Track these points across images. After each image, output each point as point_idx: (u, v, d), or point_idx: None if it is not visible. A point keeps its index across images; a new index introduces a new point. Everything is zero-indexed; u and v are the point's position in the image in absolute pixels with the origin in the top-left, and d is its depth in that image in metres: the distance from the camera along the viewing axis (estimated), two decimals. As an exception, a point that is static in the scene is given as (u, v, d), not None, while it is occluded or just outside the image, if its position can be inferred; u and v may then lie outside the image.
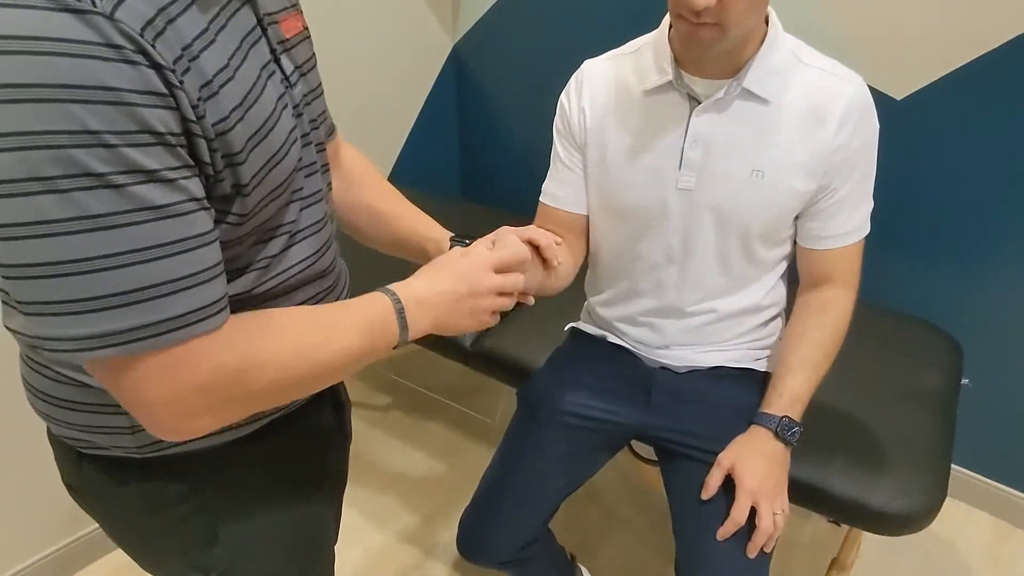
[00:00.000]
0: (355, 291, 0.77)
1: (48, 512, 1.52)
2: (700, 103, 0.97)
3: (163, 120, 0.50)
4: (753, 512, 0.98)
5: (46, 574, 1.57)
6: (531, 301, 0.88)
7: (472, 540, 1.17)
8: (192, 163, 0.54)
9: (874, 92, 1.59)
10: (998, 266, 1.58)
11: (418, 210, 0.98)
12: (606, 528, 1.75)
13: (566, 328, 1.31)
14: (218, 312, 0.56)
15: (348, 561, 1.65)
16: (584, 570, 1.59)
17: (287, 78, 0.67)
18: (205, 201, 0.55)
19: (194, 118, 0.53)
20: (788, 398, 1.03)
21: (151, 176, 0.50)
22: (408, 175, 2.32)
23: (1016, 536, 1.75)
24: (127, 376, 0.54)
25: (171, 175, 0.51)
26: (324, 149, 0.77)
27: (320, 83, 0.78)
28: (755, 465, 1.00)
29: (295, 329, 0.64)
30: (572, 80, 1.08)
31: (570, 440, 1.16)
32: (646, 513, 1.76)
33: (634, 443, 1.31)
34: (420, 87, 2.28)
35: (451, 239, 0.94)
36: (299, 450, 0.80)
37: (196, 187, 0.54)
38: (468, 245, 0.92)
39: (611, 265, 1.15)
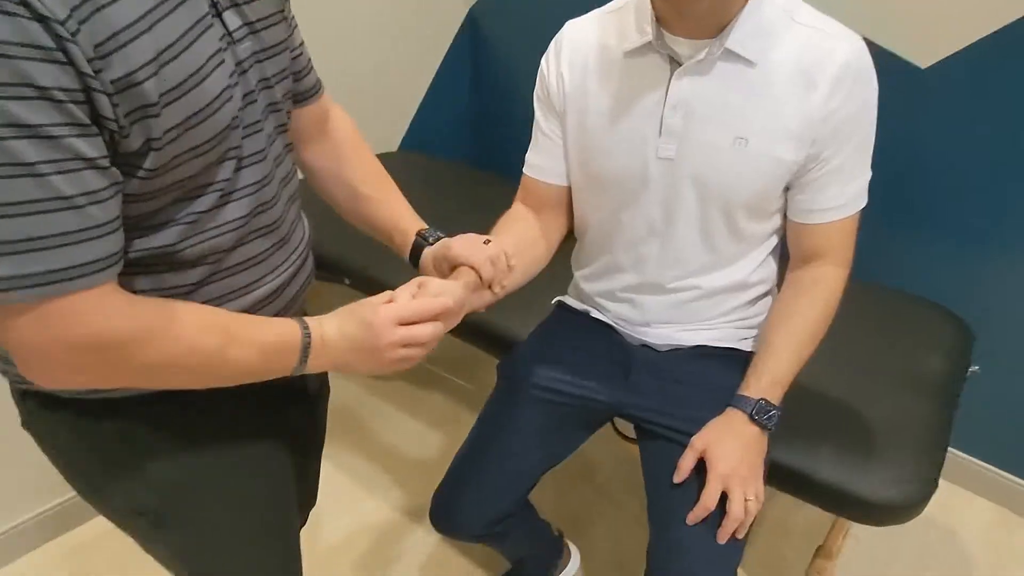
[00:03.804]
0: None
1: (46, 468, 1.55)
2: (682, 65, 0.91)
3: (50, 74, 0.49)
4: (725, 498, 0.95)
5: (45, 527, 1.60)
6: (483, 309, 0.94)
7: (443, 514, 1.16)
8: (86, 121, 0.53)
9: (897, 60, 1.50)
10: (1019, 248, 1.48)
11: (399, 196, 0.99)
12: (598, 506, 1.73)
13: (553, 302, 1.28)
14: (98, 271, 0.56)
15: (340, 526, 1.67)
16: (572, 547, 1.57)
17: (229, 34, 0.66)
18: (99, 160, 0.54)
19: (91, 72, 0.51)
20: (767, 380, 0.98)
21: (31, 131, 0.50)
22: (420, 140, 2.29)
23: (1018, 524, 1.69)
24: (2, 321, 0.56)
25: (55, 131, 0.51)
26: (279, 109, 0.76)
27: (283, 41, 0.76)
28: (728, 449, 0.96)
29: (193, 323, 0.65)
30: (552, 43, 1.03)
31: (546, 416, 1.13)
32: (640, 492, 1.72)
33: (617, 421, 1.28)
34: (434, 51, 2.24)
35: (417, 234, 0.94)
36: (247, 402, 0.79)
37: (87, 146, 0.53)
38: (432, 244, 0.94)
39: (595, 239, 1.11)
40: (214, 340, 0.66)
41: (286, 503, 0.91)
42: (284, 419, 0.88)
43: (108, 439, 0.74)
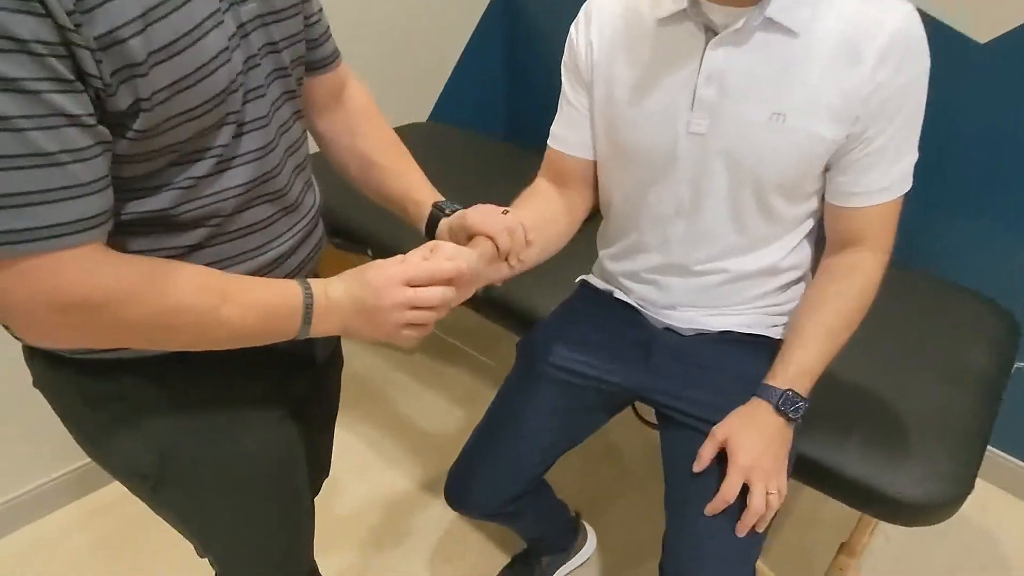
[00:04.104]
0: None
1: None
2: (717, 35, 0.86)
3: (27, 26, 0.48)
4: (746, 490, 0.91)
5: (66, 489, 1.64)
6: (499, 283, 0.91)
7: (457, 492, 1.14)
8: (69, 77, 0.51)
9: (954, 35, 1.41)
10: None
11: (414, 167, 0.96)
12: (620, 488, 1.71)
13: (577, 280, 1.24)
14: (83, 231, 0.55)
15: (355, 496, 1.68)
16: (589, 529, 1.55)
17: None
18: (84, 118, 0.53)
19: (71, 26, 0.50)
20: (795, 370, 0.93)
21: (10, 85, 0.48)
22: (450, 111, 2.25)
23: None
24: None
25: (34, 86, 0.49)
26: (287, 75, 0.74)
27: (294, 5, 0.74)
28: (751, 440, 0.92)
29: (185, 282, 0.63)
30: (582, 9, 0.98)
31: (564, 397, 1.10)
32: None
33: (639, 405, 1.24)
34: (466, 18, 2.18)
35: (433, 205, 0.91)
36: (251, 368, 0.78)
37: (70, 102, 0.52)
38: (448, 215, 0.91)
39: (621, 216, 1.07)
40: (207, 299, 0.64)
41: (291, 469, 0.90)
42: (289, 387, 0.87)
43: (110, 400, 0.74)
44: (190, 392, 0.76)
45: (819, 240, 1.02)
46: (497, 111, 2.41)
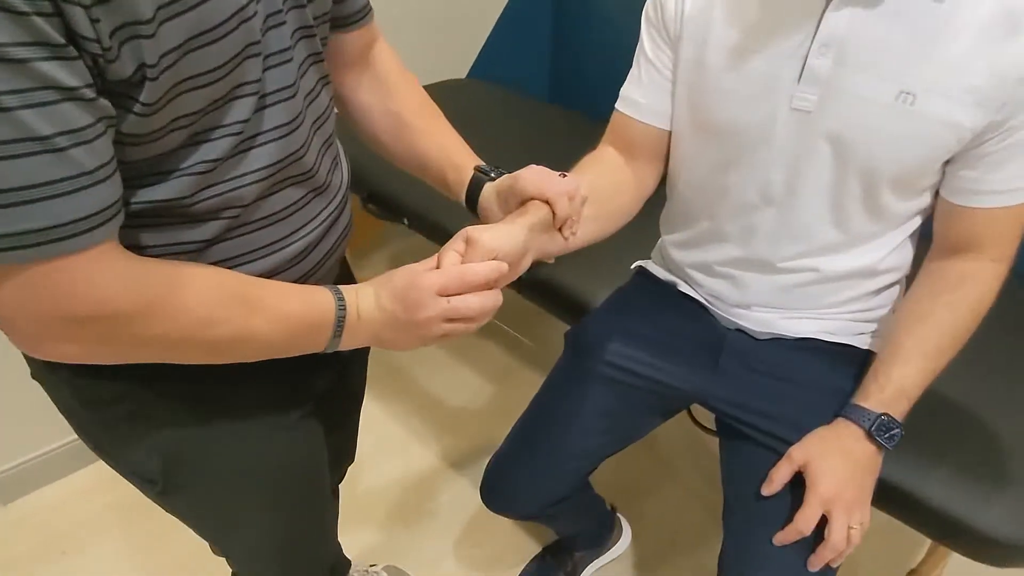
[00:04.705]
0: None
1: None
2: None
3: None
4: (822, 520, 0.80)
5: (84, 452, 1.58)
6: (551, 260, 0.80)
7: (495, 491, 1.06)
8: (59, 41, 0.41)
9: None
10: None
11: (452, 130, 0.85)
12: (657, 479, 1.62)
13: (633, 266, 1.12)
14: (92, 228, 0.46)
15: (382, 472, 1.61)
16: (624, 523, 1.47)
17: None
18: (82, 90, 0.43)
19: None
20: (892, 391, 0.82)
21: None
22: (492, 68, 2.10)
23: None
24: None
25: (16, 52, 0.39)
26: (312, 35, 0.63)
27: None
28: (835, 467, 0.81)
29: (209, 291, 0.55)
30: None
31: (616, 397, 1.00)
32: (704, 468, 1.60)
33: (695, 407, 1.14)
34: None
35: (476, 168, 0.80)
36: (265, 372, 0.69)
37: (62, 71, 0.42)
38: (494, 179, 0.79)
39: (691, 199, 0.94)
40: (233, 311, 0.56)
41: (309, 471, 0.84)
42: (310, 385, 0.79)
43: (109, 402, 0.66)
44: (196, 395, 0.68)
45: (922, 237, 0.89)
46: (543, 69, 2.25)
